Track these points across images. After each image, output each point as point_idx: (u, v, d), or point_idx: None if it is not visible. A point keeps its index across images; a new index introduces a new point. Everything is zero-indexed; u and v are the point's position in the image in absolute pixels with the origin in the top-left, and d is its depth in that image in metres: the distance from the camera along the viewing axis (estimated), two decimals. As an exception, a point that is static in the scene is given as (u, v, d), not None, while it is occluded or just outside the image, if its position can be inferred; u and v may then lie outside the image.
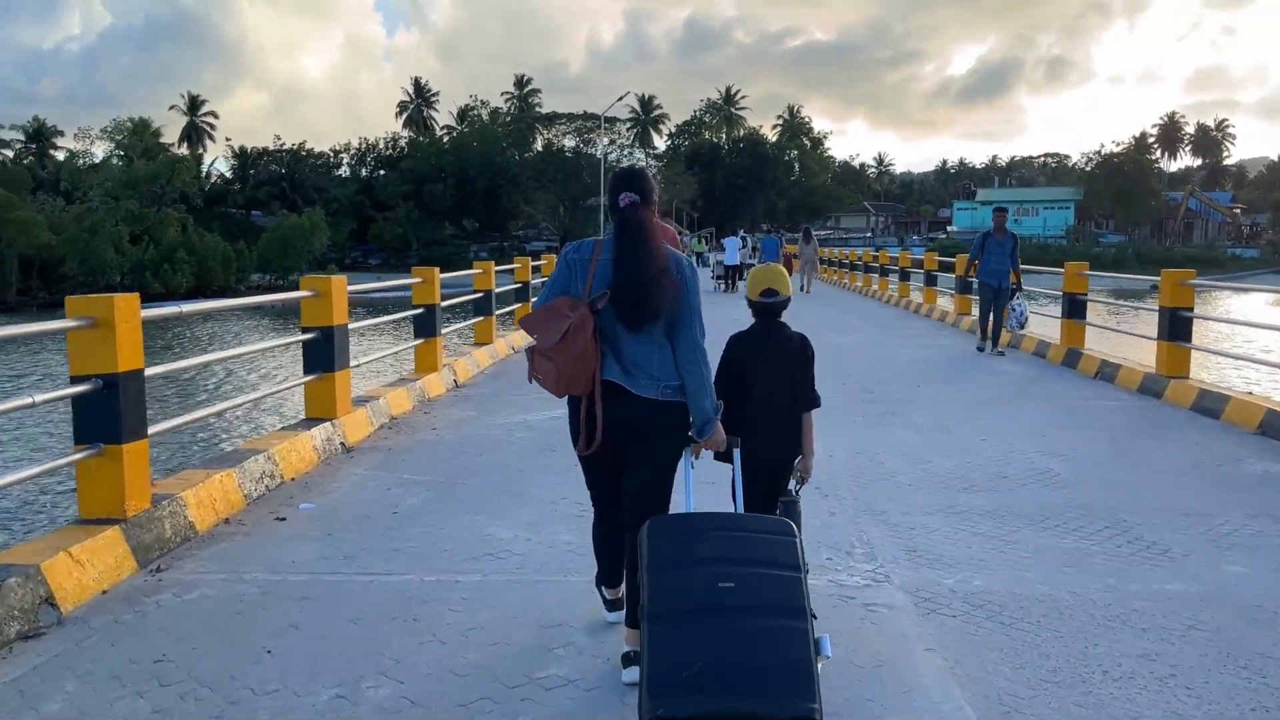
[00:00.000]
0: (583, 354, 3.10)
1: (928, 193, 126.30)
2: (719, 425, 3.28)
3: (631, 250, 3.16)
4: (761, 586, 2.69)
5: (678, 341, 3.20)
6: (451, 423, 8.00)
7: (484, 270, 13.05)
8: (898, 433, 7.50)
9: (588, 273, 3.21)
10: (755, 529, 2.91)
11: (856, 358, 12.25)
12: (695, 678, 2.51)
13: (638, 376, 3.17)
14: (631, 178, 3.28)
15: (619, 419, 3.18)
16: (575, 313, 3.12)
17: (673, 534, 2.88)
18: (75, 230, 53.90)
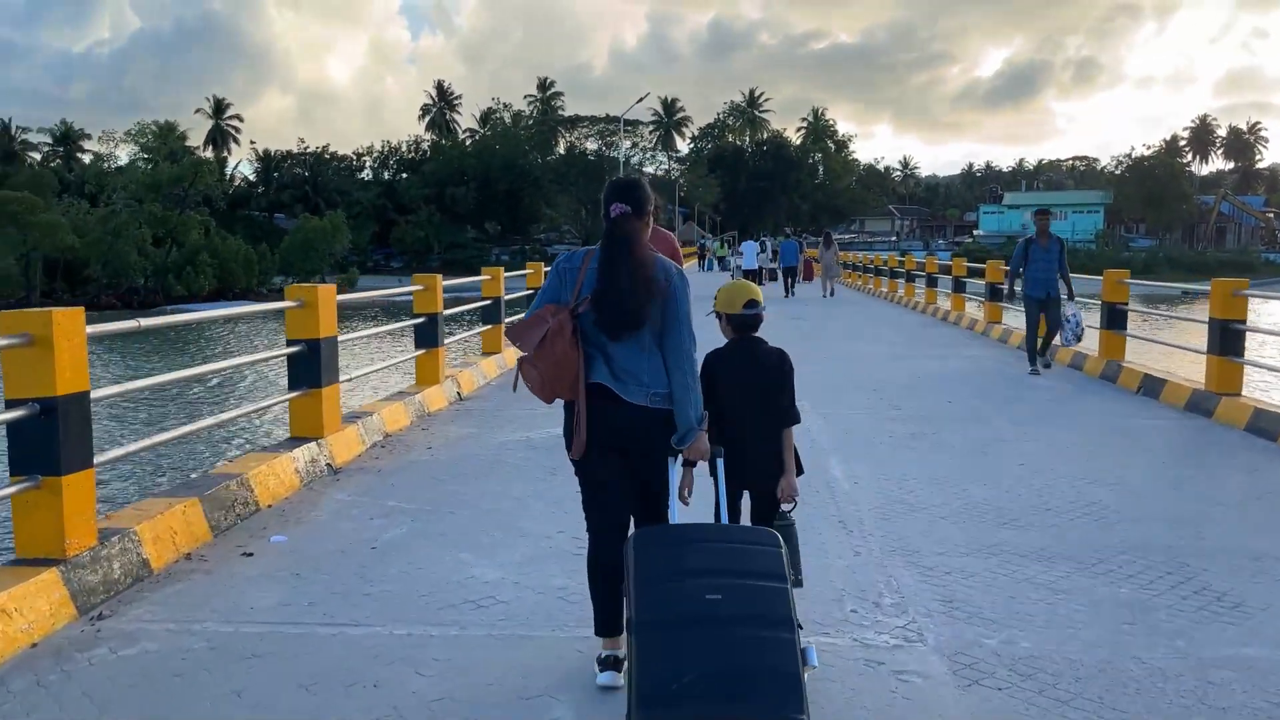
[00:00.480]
0: (562, 358, 3.13)
1: (953, 196, 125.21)
2: (702, 435, 3.25)
3: (614, 260, 3.18)
4: (749, 597, 2.70)
5: (667, 350, 3.22)
6: (449, 441, 7.52)
7: (492, 276, 12.55)
8: (929, 456, 6.93)
9: (577, 280, 3.24)
10: (742, 540, 2.92)
11: (882, 369, 11.68)
12: (685, 687, 2.52)
13: (627, 383, 3.19)
14: (626, 188, 3.30)
15: (608, 423, 3.20)
16: (555, 318, 3.16)
17: (660, 545, 2.89)
18: (99, 233, 54.15)
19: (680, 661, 2.57)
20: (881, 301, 25.88)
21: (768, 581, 2.76)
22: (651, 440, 3.24)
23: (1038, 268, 10.95)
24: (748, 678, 2.55)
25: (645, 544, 2.90)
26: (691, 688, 2.53)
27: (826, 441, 7.26)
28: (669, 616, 2.67)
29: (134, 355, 28.96)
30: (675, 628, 2.64)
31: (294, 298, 6.51)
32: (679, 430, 3.22)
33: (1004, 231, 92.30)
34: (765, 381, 3.61)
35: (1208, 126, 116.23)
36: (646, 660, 2.60)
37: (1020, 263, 11.16)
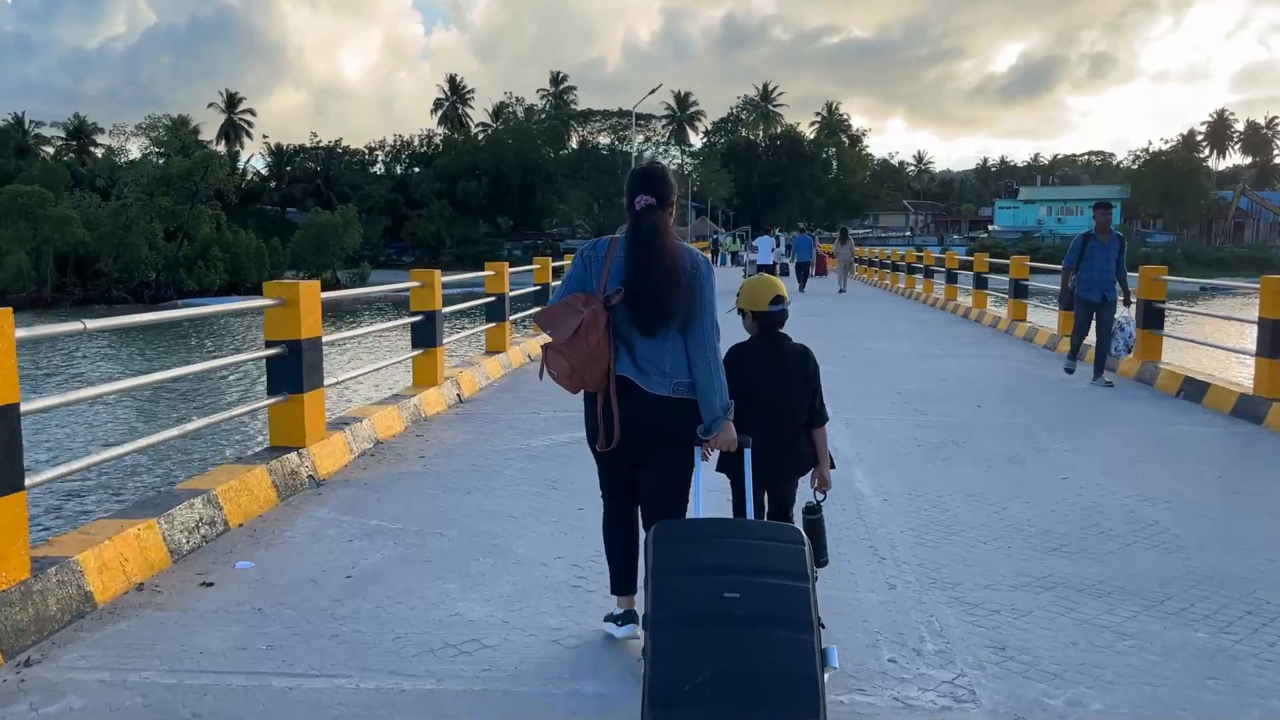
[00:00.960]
0: (595, 350, 3.11)
1: (968, 191, 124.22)
2: (729, 424, 3.21)
3: (644, 256, 3.15)
4: (768, 596, 2.63)
5: (690, 339, 3.18)
6: (444, 449, 7.00)
7: (497, 272, 12.05)
8: (962, 468, 6.38)
9: (603, 270, 3.21)
10: (764, 536, 2.83)
11: (904, 370, 11.10)
12: (698, 688, 2.46)
13: (650, 373, 3.16)
14: (651, 179, 3.27)
15: (632, 415, 3.18)
16: (588, 309, 3.11)
17: (679, 540, 2.82)
18: (110, 227, 53.98)
19: (694, 661, 2.51)
20: (898, 298, 25.24)
21: (788, 580, 2.67)
22: (675, 430, 3.21)
23: (1095, 267, 9.72)
24: (763, 680, 2.48)
25: (664, 539, 2.81)
26: (704, 688, 2.46)
27: (850, 450, 6.72)
28: (684, 614, 2.60)
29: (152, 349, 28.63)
30: (690, 626, 2.57)
31: (273, 295, 5.99)
32: (705, 420, 3.18)
33: (1019, 227, 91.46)
34: (789, 381, 3.56)
35: (1225, 121, 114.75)
36: (660, 659, 2.54)
37: (1076, 259, 9.90)
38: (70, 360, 26.37)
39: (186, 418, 13.74)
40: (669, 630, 2.59)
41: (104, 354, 28.22)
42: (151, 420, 16.19)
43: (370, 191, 78.81)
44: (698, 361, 3.18)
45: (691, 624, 2.59)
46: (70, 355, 27.15)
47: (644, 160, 4.48)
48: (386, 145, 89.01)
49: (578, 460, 6.32)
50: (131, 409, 17.49)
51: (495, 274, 12.01)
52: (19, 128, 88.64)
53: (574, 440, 6.76)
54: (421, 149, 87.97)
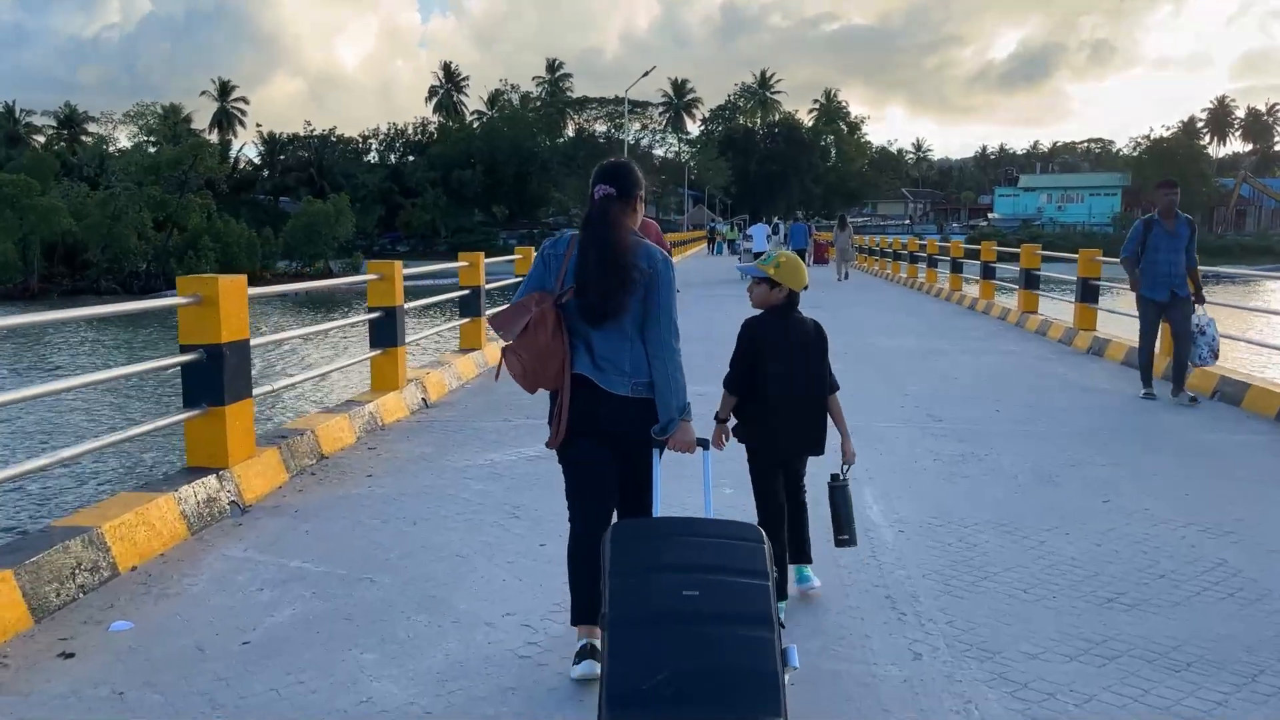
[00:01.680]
0: (546, 348, 3.08)
1: (967, 179, 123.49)
2: (687, 425, 3.17)
3: (592, 246, 3.10)
4: (727, 594, 2.57)
5: (648, 339, 3.14)
6: (397, 465, 6.17)
7: (471, 263, 11.18)
8: (987, 488, 5.56)
9: (561, 268, 3.16)
10: (723, 534, 2.78)
11: (912, 368, 10.23)
12: (656, 687, 2.40)
13: (608, 372, 3.12)
14: (613, 170, 3.23)
15: (592, 415, 3.13)
16: (538, 307, 3.09)
17: (638, 538, 2.77)
18: (98, 216, 53.16)
19: (652, 660, 2.45)
20: (898, 287, 24.36)
21: (748, 579, 2.63)
22: (637, 430, 3.15)
23: (1161, 259, 8.19)
24: (722, 678, 2.43)
25: (623, 537, 2.76)
26: (663, 687, 2.41)
27: (858, 465, 5.85)
28: (643, 613, 2.55)
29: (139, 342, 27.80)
30: (649, 625, 2.52)
31: (189, 292, 5.14)
32: (660, 420, 3.13)
33: (1019, 214, 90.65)
34: (807, 353, 3.72)
35: (1226, 108, 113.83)
36: (617, 658, 2.49)
37: (1137, 248, 8.37)
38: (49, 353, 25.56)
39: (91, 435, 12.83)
40: (626, 629, 2.52)
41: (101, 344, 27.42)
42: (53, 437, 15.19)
43: (364, 180, 78.00)
44: (655, 362, 3.13)
45: (650, 623, 2.52)
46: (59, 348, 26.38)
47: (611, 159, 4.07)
48: (381, 134, 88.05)
49: (544, 480, 5.54)
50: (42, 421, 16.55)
51: (470, 265, 11.16)
52: (9, 116, 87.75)
53: (543, 455, 5.96)
54: (416, 137, 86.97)
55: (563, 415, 3.13)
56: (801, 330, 3.76)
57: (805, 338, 3.75)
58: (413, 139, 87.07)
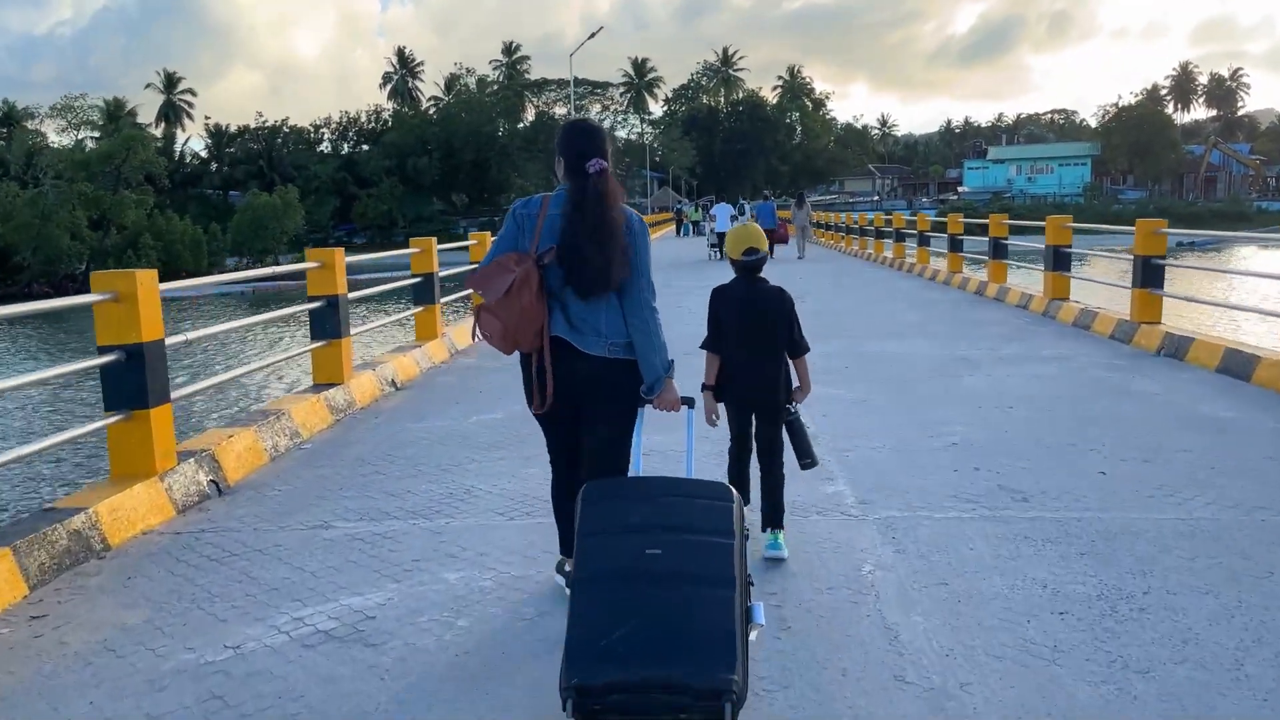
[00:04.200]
0: (528, 309, 3.05)
1: (933, 154, 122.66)
2: (671, 384, 3.20)
3: (596, 224, 3.08)
4: (690, 553, 2.59)
5: (625, 300, 3.13)
6: (284, 502, 4.60)
7: (423, 249, 9.58)
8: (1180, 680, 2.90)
9: (535, 228, 3.15)
10: (693, 493, 2.79)
11: (942, 394, 7.18)
12: (613, 645, 2.42)
13: (585, 333, 3.11)
14: (599, 138, 3.19)
15: (568, 376, 3.14)
16: (520, 267, 3.06)
17: (606, 499, 2.78)
18: (26, 217, 50.27)
19: (612, 619, 2.46)
20: (875, 267, 22.39)
21: (713, 537, 2.63)
22: (611, 389, 3.16)
23: None
24: (679, 636, 2.43)
25: (593, 498, 2.77)
26: (619, 645, 2.42)
27: (889, 583, 3.68)
28: (604, 572, 2.56)
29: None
30: (611, 583, 2.54)
31: (104, 289, 4.66)
32: (646, 380, 3.15)
33: (989, 187, 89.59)
34: (764, 316, 3.96)
35: (1189, 74, 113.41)
36: (578, 618, 2.50)
37: None
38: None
39: None
40: (588, 588, 2.54)
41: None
42: None
43: (316, 172, 75.71)
44: (635, 322, 3.12)
45: (612, 580, 2.53)
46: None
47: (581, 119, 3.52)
48: (333, 123, 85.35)
49: (426, 534, 4.12)
50: None
51: (422, 251, 9.56)
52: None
53: (463, 493, 4.86)
54: (370, 125, 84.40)
55: (548, 379, 3.10)
56: (761, 296, 3.98)
57: (764, 303, 3.97)
58: (366, 127, 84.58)
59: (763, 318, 3.93)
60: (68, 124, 58.90)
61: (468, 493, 4.85)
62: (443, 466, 5.35)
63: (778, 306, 3.96)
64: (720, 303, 3.98)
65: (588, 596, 2.52)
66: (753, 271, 3.97)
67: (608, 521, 2.66)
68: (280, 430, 5.80)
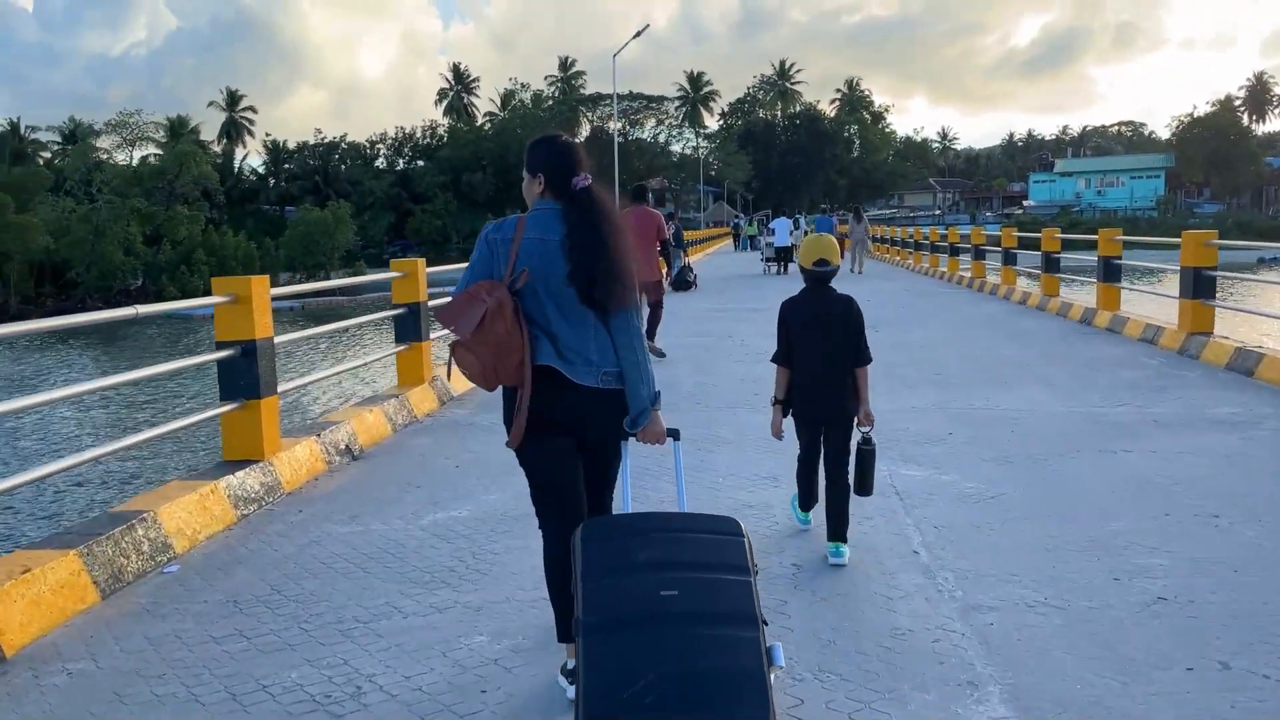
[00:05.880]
0: (505, 340, 2.84)
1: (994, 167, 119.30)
2: (658, 416, 2.99)
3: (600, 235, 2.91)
4: (708, 592, 2.44)
5: (613, 325, 2.94)
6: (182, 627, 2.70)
7: (408, 272, 7.67)
8: None
9: (510, 253, 2.93)
10: (700, 529, 2.64)
11: (1109, 486, 5.13)
12: (638, 695, 2.27)
13: (575, 362, 2.91)
14: (579, 154, 3.04)
15: (558, 408, 2.91)
16: (493, 296, 2.85)
17: (609, 537, 2.61)
18: (81, 233, 50.24)
19: (632, 666, 2.30)
20: (947, 286, 20.43)
21: (729, 574, 2.47)
22: (606, 423, 2.97)
23: None
24: (707, 681, 2.31)
25: (593, 536, 2.59)
26: (644, 694, 2.27)
27: None
28: (618, 616, 2.38)
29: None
30: (626, 629, 2.37)
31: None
32: (631, 411, 2.95)
33: (1057, 201, 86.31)
34: (834, 326, 4.01)
35: (1264, 84, 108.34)
36: (594, 667, 2.32)
37: None
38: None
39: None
40: (602, 635, 2.35)
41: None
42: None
43: (371, 187, 75.44)
44: (623, 349, 2.94)
45: (627, 626, 2.36)
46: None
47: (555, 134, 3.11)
48: (388, 138, 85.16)
49: None
50: None
51: (406, 275, 7.61)
52: (14, 133, 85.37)
53: (350, 693, 3.04)
54: (425, 141, 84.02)
55: (522, 410, 2.87)
56: (829, 306, 4.05)
57: (831, 313, 4.03)
58: (421, 143, 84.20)
59: (832, 327, 4.00)
60: (123, 140, 59.04)
61: (357, 694, 3.04)
62: (342, 624, 3.52)
63: (845, 315, 4.01)
64: (790, 314, 4.09)
65: (602, 644, 2.32)
66: (822, 282, 4.08)
67: (613, 561, 2.47)
68: (130, 548, 3.93)
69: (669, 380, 8.51)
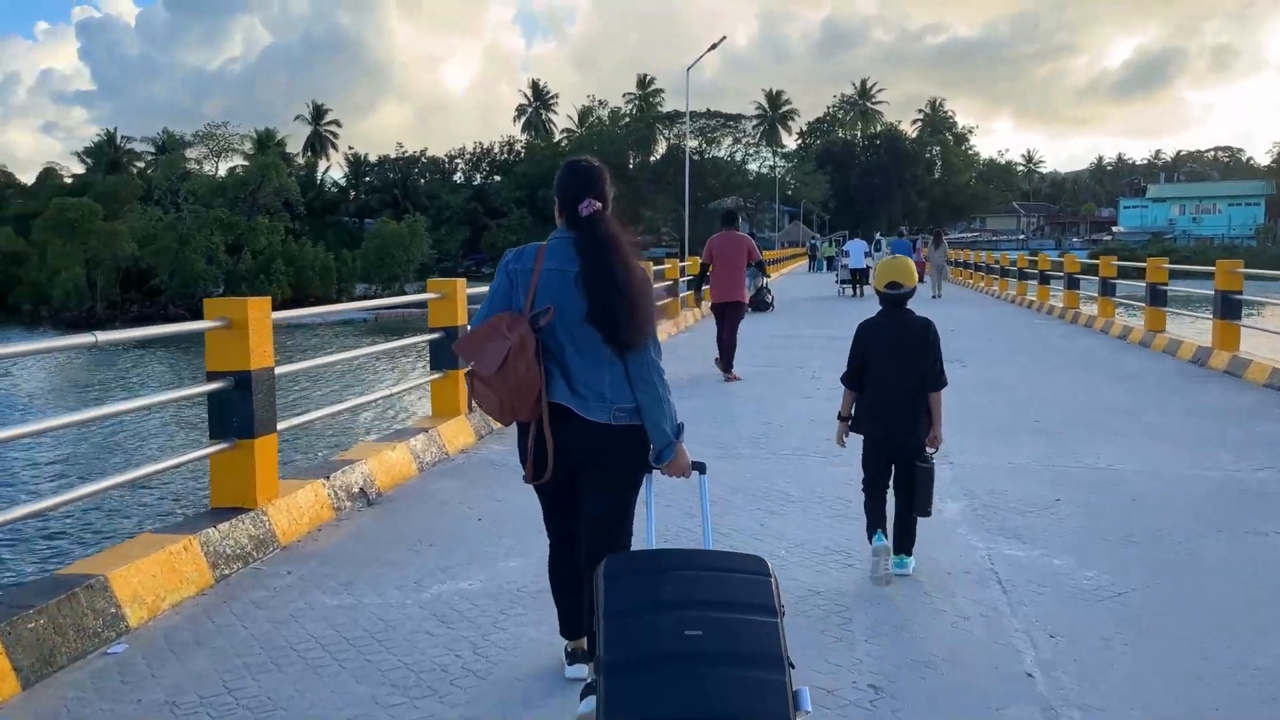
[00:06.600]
0: (525, 379, 2.79)
1: (1082, 192, 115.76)
2: (682, 450, 2.93)
3: (617, 272, 2.82)
4: (733, 633, 2.35)
5: (631, 359, 2.85)
6: None
7: (445, 293, 7.00)
8: None
9: (529, 284, 2.88)
10: (725, 566, 2.54)
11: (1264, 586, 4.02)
12: None
13: (588, 399, 2.85)
14: (593, 177, 2.97)
15: (569, 445, 2.86)
16: (514, 333, 2.80)
17: (632, 575, 2.51)
18: (166, 241, 51.54)
19: (655, 708, 2.23)
20: (1035, 316, 19.18)
21: (754, 615, 2.39)
22: (613, 459, 2.88)
23: None
24: None
25: (616, 573, 2.49)
26: None
27: None
28: (641, 656, 2.30)
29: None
30: (649, 669, 2.28)
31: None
32: (655, 446, 2.87)
33: (1148, 227, 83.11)
34: (910, 348, 3.97)
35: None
36: (615, 707, 2.24)
37: None
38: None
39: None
40: (624, 675, 2.26)
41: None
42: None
43: (448, 201, 76.13)
44: (641, 384, 2.84)
45: (650, 666, 2.28)
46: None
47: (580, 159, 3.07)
48: (466, 153, 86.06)
49: None
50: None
51: (444, 296, 6.94)
52: (111, 143, 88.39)
53: None
54: (503, 156, 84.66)
55: (549, 450, 2.83)
56: (907, 329, 4.01)
57: (908, 336, 3.99)
58: (499, 158, 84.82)
59: (909, 350, 3.97)
60: (210, 151, 60.67)
61: None
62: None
63: (922, 337, 3.98)
64: (867, 337, 4.05)
65: (624, 685, 2.24)
66: (898, 304, 4.05)
67: (636, 598, 2.39)
68: (67, 623, 3.20)
69: (730, 417, 7.77)
